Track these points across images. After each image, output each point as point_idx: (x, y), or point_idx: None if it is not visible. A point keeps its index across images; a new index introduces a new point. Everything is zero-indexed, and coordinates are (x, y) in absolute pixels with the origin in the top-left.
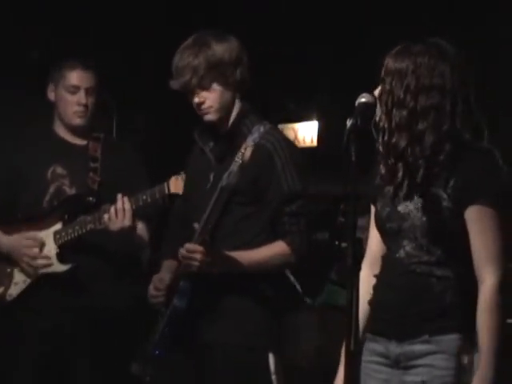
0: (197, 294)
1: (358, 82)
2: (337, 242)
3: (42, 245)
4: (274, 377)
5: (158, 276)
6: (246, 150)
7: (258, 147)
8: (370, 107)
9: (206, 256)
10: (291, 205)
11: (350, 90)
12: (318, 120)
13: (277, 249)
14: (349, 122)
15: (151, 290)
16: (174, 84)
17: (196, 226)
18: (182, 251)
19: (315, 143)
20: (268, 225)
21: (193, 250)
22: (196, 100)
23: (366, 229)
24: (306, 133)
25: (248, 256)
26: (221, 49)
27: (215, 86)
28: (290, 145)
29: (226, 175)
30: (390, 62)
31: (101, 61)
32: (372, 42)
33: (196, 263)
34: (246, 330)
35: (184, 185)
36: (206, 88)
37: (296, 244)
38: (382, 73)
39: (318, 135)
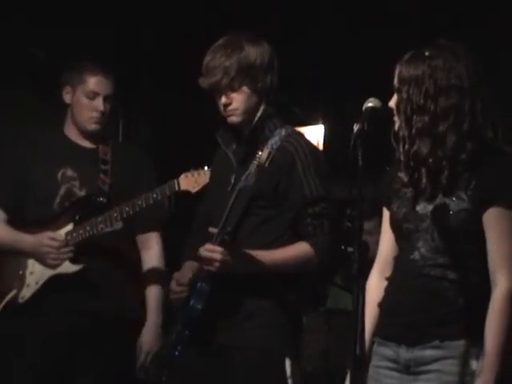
0: (214, 296)
1: (365, 86)
2: (343, 247)
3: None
4: (290, 381)
5: (180, 273)
6: (263, 152)
7: (279, 150)
8: (377, 112)
9: (225, 256)
10: (314, 207)
11: (357, 94)
12: (324, 124)
13: (300, 249)
14: (356, 127)
15: (173, 285)
16: (204, 82)
17: (212, 230)
18: (202, 251)
19: (321, 147)
20: (289, 228)
21: (212, 250)
22: (223, 100)
23: (370, 233)
24: (311, 137)
25: (270, 255)
26: (254, 52)
27: (244, 89)
28: (311, 148)
29: (243, 177)
30: (403, 71)
31: (104, 62)
32: (379, 46)
33: (216, 264)
34: (264, 333)
35: (207, 187)
36: (236, 90)
37: (320, 245)
38: (396, 82)
39: (324, 139)
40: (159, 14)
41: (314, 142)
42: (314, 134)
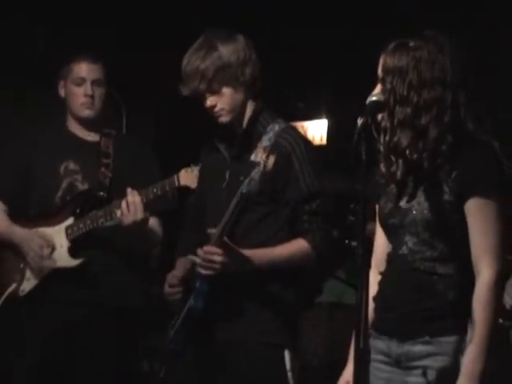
0: (213, 295)
1: (368, 81)
2: (347, 241)
3: (52, 248)
4: (289, 374)
5: (172, 273)
6: (269, 158)
7: (274, 147)
8: (381, 106)
9: (225, 257)
10: (311, 203)
11: (360, 88)
12: (327, 118)
13: (297, 246)
14: (359, 121)
15: (166, 287)
16: (184, 90)
17: (210, 231)
18: (201, 255)
19: (324, 141)
20: (286, 223)
21: (212, 253)
22: (207, 104)
23: (374, 233)
24: (315, 131)
25: (268, 253)
26: (228, 51)
27: (225, 89)
28: (306, 143)
29: (246, 181)
30: (388, 61)
31: (108, 57)
32: (381, 40)
33: (216, 266)
34: (262, 327)
35: (198, 182)
36: (216, 92)
37: (316, 241)
38: (381, 72)
39: (328, 133)
40: (160, 14)
41: (318, 137)
42: (318, 128)
